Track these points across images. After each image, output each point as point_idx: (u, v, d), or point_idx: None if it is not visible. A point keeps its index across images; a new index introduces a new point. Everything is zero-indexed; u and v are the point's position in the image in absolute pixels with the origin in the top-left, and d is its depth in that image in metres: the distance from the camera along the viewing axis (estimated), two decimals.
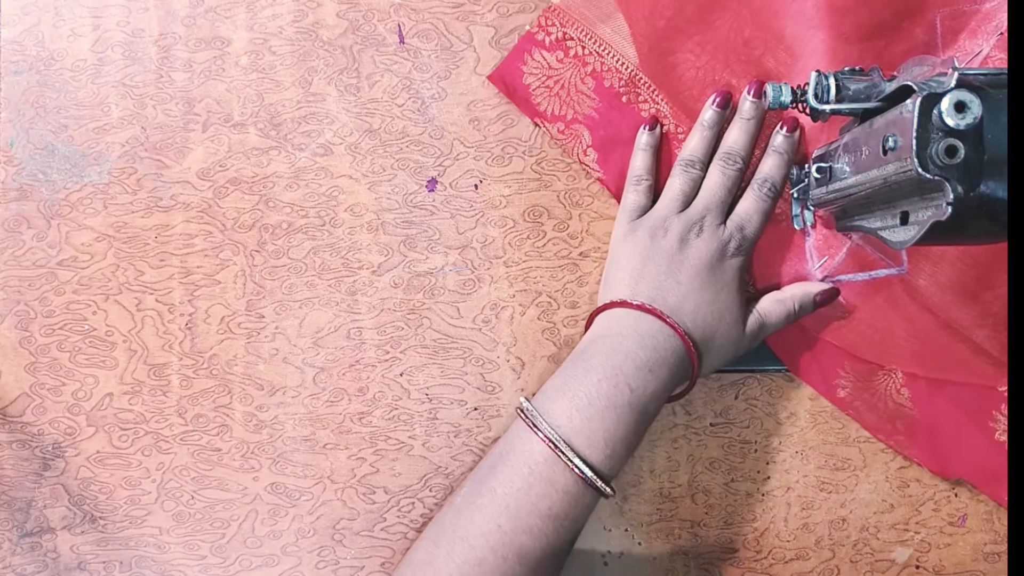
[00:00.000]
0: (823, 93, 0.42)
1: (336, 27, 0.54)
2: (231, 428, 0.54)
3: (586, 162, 0.53)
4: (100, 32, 0.54)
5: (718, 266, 0.48)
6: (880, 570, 0.53)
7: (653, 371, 0.46)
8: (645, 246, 0.49)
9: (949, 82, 0.33)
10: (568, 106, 0.53)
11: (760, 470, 0.54)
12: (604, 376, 0.45)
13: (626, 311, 0.47)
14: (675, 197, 0.50)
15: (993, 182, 0.32)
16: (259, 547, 0.54)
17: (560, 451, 0.44)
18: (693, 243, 0.48)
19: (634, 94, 0.52)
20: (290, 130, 0.54)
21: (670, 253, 0.48)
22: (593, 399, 0.45)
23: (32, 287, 0.54)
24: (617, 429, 0.44)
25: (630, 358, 0.45)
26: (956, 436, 0.51)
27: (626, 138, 0.52)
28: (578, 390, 0.45)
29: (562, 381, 0.46)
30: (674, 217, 0.49)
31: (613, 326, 0.47)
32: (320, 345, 0.54)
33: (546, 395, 0.46)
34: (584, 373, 0.46)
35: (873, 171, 0.38)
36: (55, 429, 0.54)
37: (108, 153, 0.54)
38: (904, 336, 0.50)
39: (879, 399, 0.52)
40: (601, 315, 0.49)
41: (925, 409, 0.51)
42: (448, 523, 0.45)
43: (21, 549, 0.54)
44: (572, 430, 0.44)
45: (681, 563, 0.54)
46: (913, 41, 0.48)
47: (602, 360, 0.46)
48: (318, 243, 0.54)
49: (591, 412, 0.44)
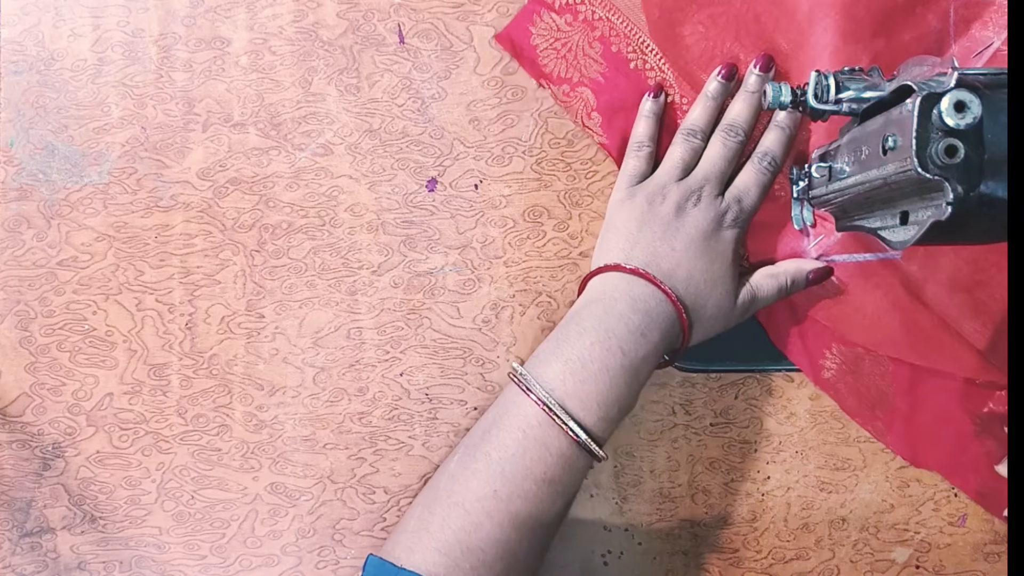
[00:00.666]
0: (823, 93, 0.42)
1: (336, 27, 0.54)
2: (231, 428, 0.54)
3: (589, 125, 0.53)
4: (100, 32, 0.54)
5: (713, 236, 0.48)
6: (880, 570, 0.53)
7: (645, 335, 0.46)
8: (642, 211, 0.49)
9: (949, 82, 0.33)
10: (575, 69, 0.53)
11: (760, 470, 0.54)
12: (597, 339, 0.45)
13: (619, 275, 0.48)
14: (675, 165, 0.50)
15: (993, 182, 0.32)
16: (259, 547, 0.54)
17: (554, 414, 0.44)
18: (690, 212, 0.48)
19: (641, 61, 0.52)
20: (290, 130, 0.54)
21: (666, 220, 0.48)
22: (586, 362, 0.45)
23: (32, 287, 0.54)
24: (610, 392, 0.45)
25: (622, 321, 0.46)
26: (932, 426, 0.51)
27: (630, 104, 0.52)
28: (571, 353, 0.45)
29: (554, 344, 0.46)
30: (673, 185, 0.49)
31: (606, 290, 0.47)
32: (320, 345, 0.54)
33: (539, 359, 0.46)
34: (577, 336, 0.46)
35: (873, 171, 0.38)
36: (55, 429, 0.54)
37: (108, 153, 0.54)
38: (893, 321, 0.50)
39: (863, 383, 0.52)
40: (594, 279, 0.49)
41: (906, 397, 0.51)
42: (443, 488, 0.45)
43: (21, 549, 0.54)
44: (566, 393, 0.44)
45: (681, 563, 0.54)
46: (925, 27, 0.48)
47: (595, 323, 0.46)
48: (318, 243, 0.54)
49: (584, 375, 0.45)
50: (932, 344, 0.50)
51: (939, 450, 0.52)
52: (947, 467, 0.52)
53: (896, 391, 0.52)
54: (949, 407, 0.51)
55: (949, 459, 0.52)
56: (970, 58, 0.48)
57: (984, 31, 0.48)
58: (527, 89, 0.54)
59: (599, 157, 0.54)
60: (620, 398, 0.45)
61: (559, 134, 0.54)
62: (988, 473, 0.51)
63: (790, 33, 0.49)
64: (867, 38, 0.48)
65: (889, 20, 0.48)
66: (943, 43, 0.48)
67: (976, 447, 0.51)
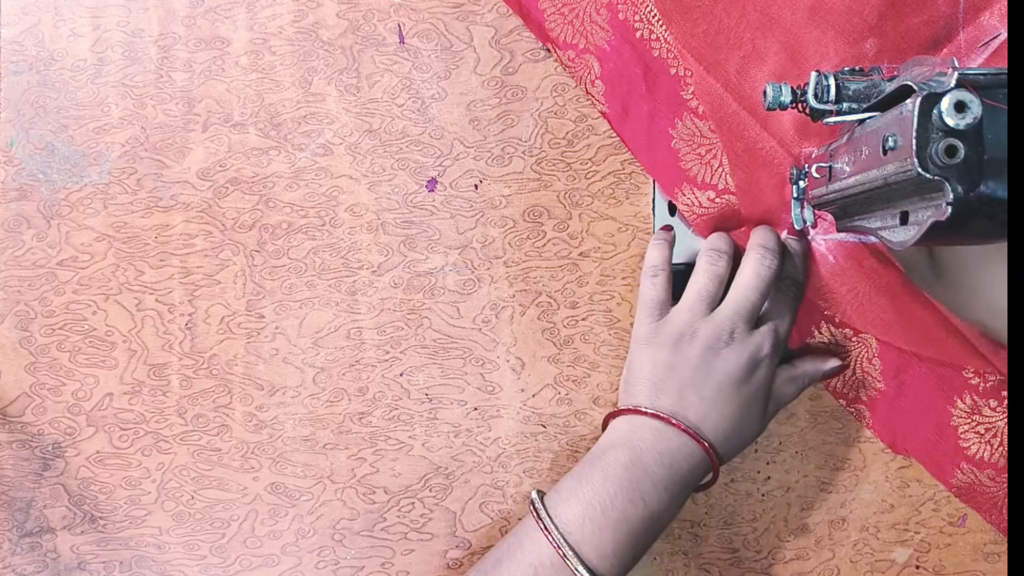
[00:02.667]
0: (823, 93, 0.42)
1: (336, 27, 0.54)
2: (231, 428, 0.54)
3: (592, 92, 0.53)
4: (100, 32, 0.54)
5: (746, 381, 0.47)
6: (880, 570, 0.53)
7: (669, 489, 0.46)
8: (668, 355, 0.47)
9: (949, 82, 0.33)
10: (581, 35, 0.52)
11: (760, 470, 0.54)
12: (620, 489, 0.45)
13: (647, 421, 0.47)
14: (700, 298, 0.48)
15: (993, 182, 0.32)
16: (259, 547, 0.54)
17: (568, 559, 0.44)
18: (722, 354, 0.47)
19: (648, 30, 0.52)
20: (290, 130, 0.54)
21: (695, 364, 0.47)
22: (607, 509, 0.45)
23: (32, 287, 0.54)
24: (627, 541, 0.45)
25: (648, 475, 0.45)
26: (914, 413, 0.52)
27: (634, 75, 0.52)
28: (593, 499, 0.45)
29: (576, 483, 0.46)
30: (701, 323, 0.47)
31: (633, 438, 0.47)
32: (320, 345, 0.54)
33: (559, 495, 0.46)
34: (601, 483, 0.45)
35: (873, 171, 0.38)
36: (55, 429, 0.54)
37: (108, 153, 0.54)
38: (884, 305, 0.50)
39: (849, 365, 0.52)
40: (621, 419, 0.48)
41: (891, 382, 0.52)
42: None
43: (21, 549, 0.54)
44: (583, 538, 0.44)
45: (681, 563, 0.54)
46: (935, 11, 0.48)
47: (620, 472, 0.45)
48: (318, 243, 0.54)
49: (603, 522, 0.44)
50: (922, 330, 0.50)
51: (919, 437, 0.52)
52: (925, 455, 0.52)
53: (882, 375, 0.52)
54: (932, 395, 0.51)
55: (928, 447, 0.52)
56: (977, 46, 0.48)
57: (993, 20, 0.47)
58: (527, 89, 0.54)
59: (599, 157, 0.54)
60: (636, 548, 0.45)
61: (559, 134, 0.54)
62: (965, 464, 0.51)
63: (797, 11, 0.49)
64: (875, 19, 0.47)
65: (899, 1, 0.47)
66: (952, 29, 0.48)
67: (955, 438, 0.51)
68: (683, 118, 0.52)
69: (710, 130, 0.52)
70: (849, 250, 0.50)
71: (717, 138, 0.52)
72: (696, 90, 0.52)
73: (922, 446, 0.52)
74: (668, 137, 0.52)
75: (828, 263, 0.51)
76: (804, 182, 0.49)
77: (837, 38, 0.47)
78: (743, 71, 0.51)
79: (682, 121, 0.52)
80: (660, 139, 0.53)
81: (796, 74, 0.50)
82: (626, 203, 0.54)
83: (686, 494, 0.47)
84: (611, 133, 0.53)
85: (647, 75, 0.52)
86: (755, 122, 0.51)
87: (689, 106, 0.52)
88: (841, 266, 0.51)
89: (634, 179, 0.54)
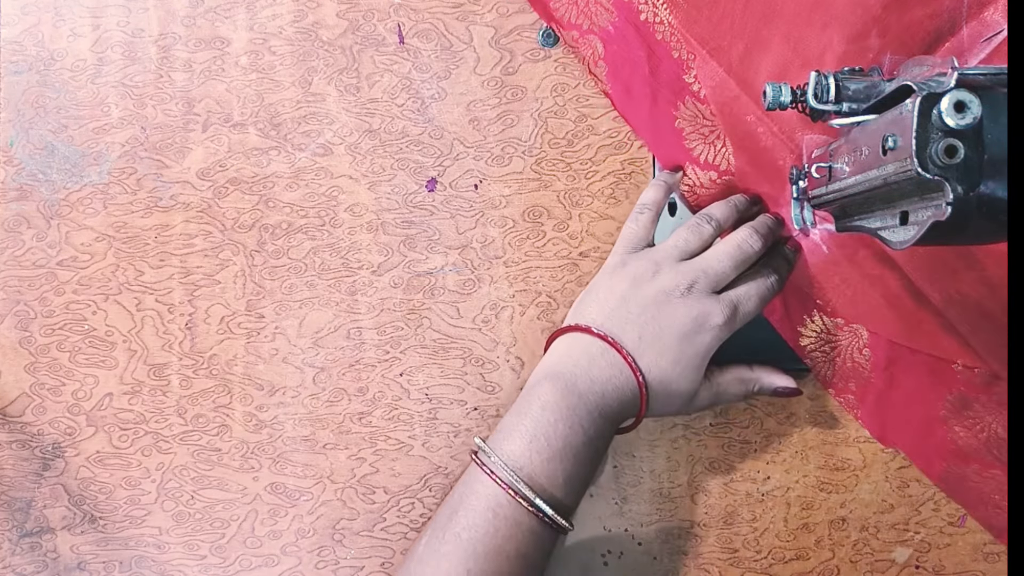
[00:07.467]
0: (823, 93, 0.42)
1: (336, 27, 0.54)
2: (231, 428, 0.54)
3: (596, 72, 0.53)
4: (100, 32, 0.54)
5: (689, 338, 0.46)
6: (880, 570, 0.53)
7: (604, 414, 0.46)
8: (625, 287, 0.48)
9: (949, 82, 0.33)
10: (585, 16, 0.53)
11: (760, 470, 0.54)
12: (559, 417, 0.45)
13: (586, 342, 0.47)
14: (676, 247, 0.48)
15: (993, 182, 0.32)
16: (259, 547, 0.54)
17: (524, 494, 0.44)
18: (673, 302, 0.46)
19: (652, 13, 0.52)
20: (290, 130, 0.54)
21: (644, 304, 0.47)
22: (551, 439, 0.45)
23: (32, 287, 0.54)
24: (575, 470, 0.45)
25: (583, 401, 0.46)
26: (903, 406, 0.51)
27: (638, 57, 0.52)
28: (536, 430, 0.45)
29: (516, 419, 0.46)
30: (666, 267, 0.48)
31: (568, 361, 0.47)
32: (320, 345, 0.54)
33: (502, 434, 0.46)
34: (540, 412, 0.46)
35: (873, 171, 0.38)
36: (55, 429, 0.54)
37: (108, 153, 0.54)
38: (877, 297, 0.50)
39: (839, 354, 0.52)
40: (561, 338, 0.48)
41: (881, 374, 0.52)
42: (414, 573, 0.45)
43: (21, 549, 0.54)
44: (534, 471, 0.45)
45: (681, 563, 0.54)
46: (939, 5, 0.47)
47: (556, 399, 0.46)
48: (318, 243, 0.54)
49: (550, 453, 0.45)
50: (914, 323, 0.50)
51: (907, 430, 0.52)
52: (913, 448, 0.52)
53: (872, 366, 0.52)
54: (922, 388, 0.51)
55: (916, 440, 0.52)
56: (980, 42, 0.48)
57: (996, 15, 0.47)
58: (527, 89, 0.54)
59: (599, 157, 0.54)
60: (583, 474, 0.46)
61: (559, 134, 0.54)
62: (952, 459, 0.51)
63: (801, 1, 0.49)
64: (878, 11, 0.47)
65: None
66: (955, 23, 0.48)
67: (943, 431, 0.51)
68: (685, 101, 0.52)
69: (711, 113, 0.52)
70: (842, 242, 0.50)
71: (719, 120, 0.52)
72: (699, 74, 0.52)
73: (910, 439, 0.52)
74: (672, 117, 0.53)
75: (821, 253, 0.51)
76: (804, 182, 0.49)
77: (840, 30, 0.47)
78: (746, 59, 0.50)
79: (684, 104, 0.52)
80: (664, 119, 0.53)
81: (799, 64, 0.49)
82: (626, 203, 0.54)
83: (613, 429, 0.47)
84: (611, 133, 0.54)
85: (651, 57, 0.52)
86: (756, 107, 0.51)
87: (691, 89, 0.52)
88: (834, 256, 0.50)
89: (634, 179, 0.54)
